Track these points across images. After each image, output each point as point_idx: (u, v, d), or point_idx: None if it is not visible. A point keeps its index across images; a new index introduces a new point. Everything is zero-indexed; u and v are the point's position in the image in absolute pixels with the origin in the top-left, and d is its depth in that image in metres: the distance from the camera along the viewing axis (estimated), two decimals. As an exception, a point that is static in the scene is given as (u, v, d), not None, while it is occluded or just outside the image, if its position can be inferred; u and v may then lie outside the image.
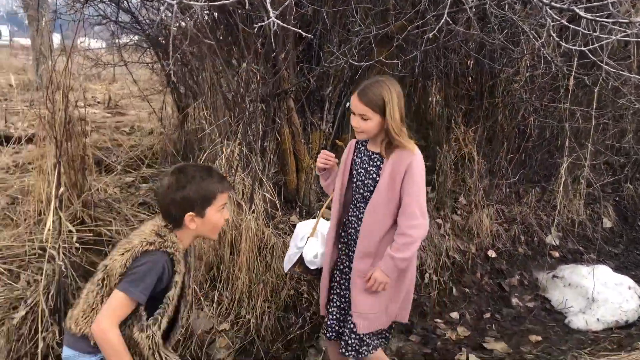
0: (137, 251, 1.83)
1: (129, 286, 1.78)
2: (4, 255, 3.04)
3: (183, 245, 1.95)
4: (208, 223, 1.97)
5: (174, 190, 1.90)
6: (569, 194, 5.37)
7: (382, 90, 2.27)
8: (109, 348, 1.78)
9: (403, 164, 2.29)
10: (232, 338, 3.18)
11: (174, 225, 1.95)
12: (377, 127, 2.31)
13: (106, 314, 1.77)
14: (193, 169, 1.98)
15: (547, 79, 4.41)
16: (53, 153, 3.18)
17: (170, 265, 1.87)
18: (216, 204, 1.95)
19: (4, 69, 14.60)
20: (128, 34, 5.74)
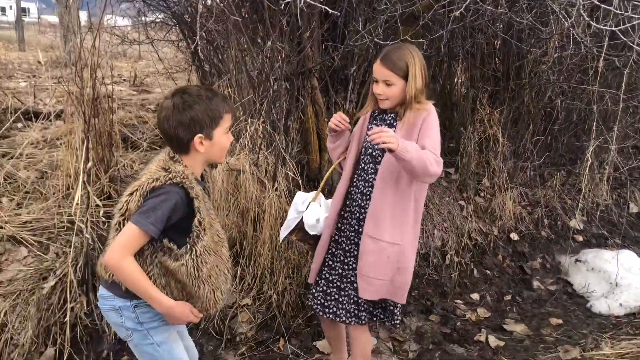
0: (145, 189, 1.77)
1: (140, 218, 1.73)
2: (34, 227, 3.12)
3: (194, 172, 1.86)
4: (216, 145, 1.88)
5: (181, 111, 1.79)
6: (595, 177, 5.30)
7: (404, 54, 2.27)
8: (124, 276, 1.78)
9: (419, 119, 2.29)
10: (254, 313, 3.24)
11: (182, 151, 1.85)
12: (401, 93, 2.30)
13: (117, 246, 1.75)
14: (196, 89, 1.87)
15: (575, 60, 4.32)
16: (81, 129, 3.24)
17: (184, 194, 1.79)
18: (223, 124, 1.87)
19: (33, 46, 14.82)
20: (154, 12, 5.77)
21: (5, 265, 2.86)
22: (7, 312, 2.64)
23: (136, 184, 1.80)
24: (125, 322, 1.90)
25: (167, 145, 1.89)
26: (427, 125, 2.28)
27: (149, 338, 1.93)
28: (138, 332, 1.92)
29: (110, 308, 1.90)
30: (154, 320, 1.92)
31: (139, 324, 1.90)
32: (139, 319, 1.90)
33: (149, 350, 1.96)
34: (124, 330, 1.93)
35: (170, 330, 2.01)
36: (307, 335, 3.29)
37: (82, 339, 2.77)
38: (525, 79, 4.77)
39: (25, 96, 6.25)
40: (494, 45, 4.86)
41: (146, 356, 1.98)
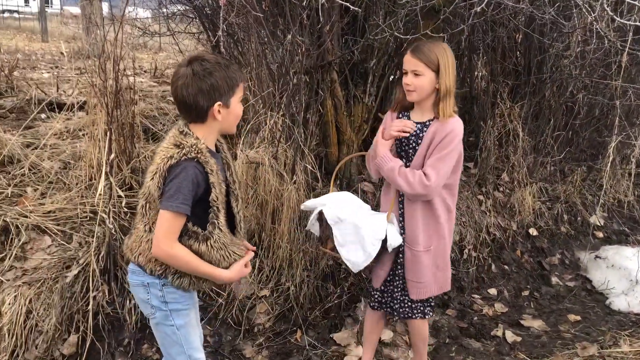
0: (163, 170, 1.77)
1: (169, 202, 1.75)
2: (57, 217, 3.19)
3: (208, 143, 1.86)
4: (232, 114, 1.87)
5: (201, 78, 1.76)
6: (616, 173, 5.24)
7: (435, 47, 2.30)
8: (178, 263, 1.83)
9: (443, 131, 2.31)
10: (272, 304, 3.27)
11: (198, 119, 1.84)
12: (430, 85, 2.31)
13: (159, 237, 1.78)
14: (213, 56, 1.84)
15: (598, 55, 4.27)
16: (104, 120, 3.29)
17: (201, 168, 1.80)
18: (238, 93, 1.87)
19: (55, 37, 14.99)
20: (175, 4, 5.82)
21: (30, 254, 2.93)
22: (32, 300, 2.71)
23: (153, 168, 1.81)
24: (152, 300, 1.94)
25: (183, 114, 1.87)
26: (444, 144, 2.31)
27: (170, 319, 1.98)
28: (161, 312, 1.96)
29: (139, 283, 1.95)
30: (178, 301, 1.97)
31: (163, 302, 1.95)
32: (165, 298, 1.94)
33: (168, 332, 2.00)
34: (149, 308, 1.97)
35: (192, 315, 2.05)
36: (324, 327, 3.32)
37: (103, 327, 2.82)
38: (547, 73, 4.72)
39: (48, 87, 6.34)
40: (515, 39, 4.81)
41: (164, 337, 2.03)
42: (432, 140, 2.34)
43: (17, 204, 3.21)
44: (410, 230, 2.47)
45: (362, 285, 3.54)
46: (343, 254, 2.44)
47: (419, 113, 2.45)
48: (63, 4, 27.48)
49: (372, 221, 2.45)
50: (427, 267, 2.48)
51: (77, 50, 9.34)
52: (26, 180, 3.51)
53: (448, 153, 2.31)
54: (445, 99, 2.31)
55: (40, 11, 16.71)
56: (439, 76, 2.28)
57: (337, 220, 2.45)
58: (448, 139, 2.30)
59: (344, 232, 2.44)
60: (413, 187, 2.32)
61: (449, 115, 2.32)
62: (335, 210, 2.47)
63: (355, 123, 4.17)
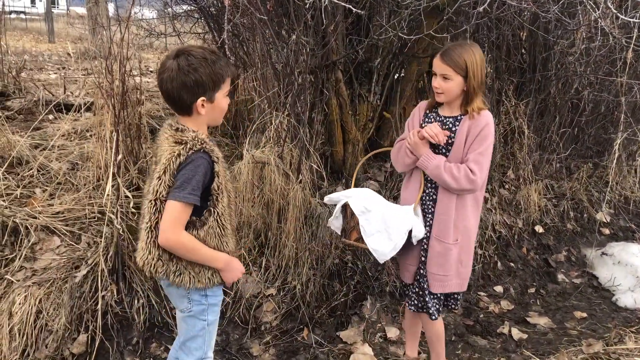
0: (173, 168, 1.79)
1: (177, 193, 1.77)
2: (66, 217, 3.22)
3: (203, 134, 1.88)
4: (217, 108, 1.89)
5: (186, 74, 1.77)
6: (622, 170, 5.23)
7: (464, 52, 2.32)
8: (183, 249, 1.85)
9: (478, 125, 2.35)
10: (279, 303, 3.30)
11: (183, 112, 1.87)
12: (458, 88, 2.36)
13: (166, 225, 1.80)
14: (201, 51, 1.83)
15: (603, 52, 4.26)
16: (111, 121, 3.32)
17: (208, 157, 1.83)
18: (224, 88, 1.88)
19: (62, 37, 15.07)
20: (180, 4, 5.85)
21: (39, 254, 2.97)
22: (42, 300, 2.74)
23: (161, 168, 1.81)
24: (191, 294, 1.97)
25: (169, 105, 1.90)
26: (481, 137, 2.35)
27: (205, 314, 2.01)
28: (200, 305, 1.99)
29: None
30: (216, 295, 2.02)
31: (204, 296, 1.99)
32: (206, 292, 1.98)
33: (198, 326, 2.03)
34: (186, 302, 1.99)
35: (218, 316, 2.10)
36: (331, 325, 3.34)
37: (112, 326, 2.86)
38: (552, 70, 4.71)
39: (55, 88, 6.39)
40: (519, 37, 4.81)
41: (190, 330, 2.04)
42: (468, 134, 2.37)
43: (26, 205, 3.25)
44: (442, 222, 2.47)
45: (368, 284, 3.56)
46: (370, 243, 2.45)
47: (447, 109, 2.49)
48: (69, 5, 27.60)
49: (399, 212, 2.49)
50: (453, 261, 2.50)
51: (83, 51, 9.40)
52: (35, 182, 3.55)
53: (487, 147, 2.36)
54: (473, 100, 2.36)
55: (46, 12, 16.79)
56: (467, 80, 2.33)
57: (365, 211, 2.46)
58: (484, 133, 2.35)
59: (371, 222, 2.46)
60: (459, 182, 2.35)
61: (480, 110, 2.38)
62: (362, 201, 2.49)
63: (361, 122, 4.19)
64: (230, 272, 1.98)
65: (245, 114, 4.42)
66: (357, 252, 3.63)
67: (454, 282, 2.55)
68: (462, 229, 2.48)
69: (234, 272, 1.99)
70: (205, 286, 1.95)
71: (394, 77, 4.33)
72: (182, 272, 1.91)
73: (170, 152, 1.80)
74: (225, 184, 1.92)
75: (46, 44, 13.81)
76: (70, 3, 27.91)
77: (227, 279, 1.98)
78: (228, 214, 1.95)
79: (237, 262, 2.01)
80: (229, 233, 1.96)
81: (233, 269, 1.98)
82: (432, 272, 2.53)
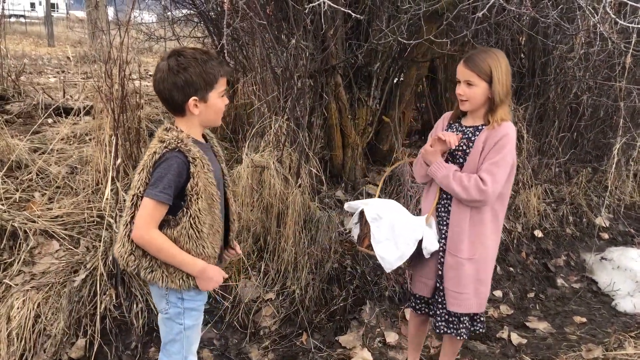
0: (149, 165, 1.82)
1: (150, 190, 1.79)
2: (65, 221, 3.22)
3: (193, 134, 1.90)
4: (211, 108, 1.89)
5: (175, 73, 1.79)
6: (621, 174, 5.24)
7: (489, 57, 2.27)
8: (154, 247, 1.84)
9: (496, 135, 2.28)
10: (278, 307, 3.29)
11: (177, 112, 1.89)
12: (482, 95, 2.30)
13: (139, 222, 1.81)
14: (192, 51, 1.86)
15: (602, 57, 4.27)
16: (110, 125, 3.32)
17: (184, 157, 1.82)
18: (217, 88, 1.88)
19: (62, 41, 15.09)
20: (180, 8, 5.86)
21: (38, 258, 2.97)
22: (41, 304, 2.74)
23: (141, 165, 1.85)
24: (169, 295, 1.96)
25: (164, 106, 1.92)
26: (498, 147, 2.27)
27: (181, 317, 1.99)
28: (176, 308, 1.98)
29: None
30: (194, 300, 1.99)
31: (180, 299, 1.96)
32: (182, 296, 1.96)
33: (175, 330, 2.01)
34: (164, 303, 1.98)
35: (199, 321, 2.07)
36: (330, 329, 3.33)
37: (111, 331, 2.85)
38: (551, 75, 4.72)
39: (55, 91, 6.39)
40: (519, 41, 4.82)
41: (168, 333, 2.03)
42: (485, 143, 2.31)
43: (25, 209, 3.24)
44: (455, 235, 2.41)
45: (368, 288, 3.55)
46: (377, 251, 2.41)
47: (470, 119, 2.43)
48: (69, 8, 27.64)
49: (410, 221, 2.45)
50: (469, 278, 2.41)
51: (83, 54, 9.41)
52: (34, 185, 3.55)
53: (503, 157, 2.27)
54: (498, 108, 2.29)
55: (46, 16, 16.82)
56: (492, 86, 2.26)
57: (376, 217, 2.44)
58: (502, 143, 2.27)
59: (381, 230, 2.43)
60: (469, 191, 2.29)
61: (501, 120, 2.30)
62: (375, 208, 2.47)
63: (360, 126, 4.20)
64: (204, 280, 1.94)
65: (245, 118, 4.42)
66: (357, 257, 3.63)
67: (472, 301, 2.45)
68: (479, 245, 2.40)
69: (209, 281, 1.95)
70: (179, 288, 1.92)
71: (393, 82, 4.33)
72: (155, 269, 1.89)
73: (151, 150, 1.84)
74: (205, 186, 1.88)
75: (46, 48, 13.83)
76: (70, 7, 27.96)
77: (201, 286, 1.95)
78: (209, 217, 1.91)
79: (214, 270, 1.95)
80: (204, 237, 1.91)
81: (207, 277, 1.93)
82: (448, 287, 2.45)
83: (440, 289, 2.53)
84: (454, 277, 2.43)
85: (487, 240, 2.41)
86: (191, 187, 1.84)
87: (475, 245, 2.40)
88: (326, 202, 3.83)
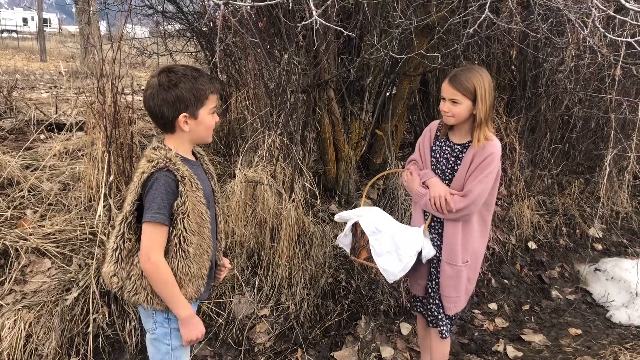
0: (138, 186, 1.80)
1: (147, 214, 1.77)
2: (57, 239, 3.20)
3: (182, 152, 1.88)
4: (201, 125, 1.88)
5: (166, 89, 1.79)
6: (614, 185, 5.26)
7: (473, 77, 2.34)
8: (158, 274, 1.81)
9: (482, 155, 2.37)
10: (272, 323, 3.27)
11: (167, 129, 1.87)
12: (467, 112, 2.37)
13: (144, 250, 1.78)
14: (182, 68, 1.85)
15: (592, 69, 4.31)
16: (102, 141, 3.31)
17: (173, 176, 1.80)
18: (208, 105, 1.87)
19: (54, 56, 15.08)
20: (172, 23, 5.87)
21: (30, 277, 2.94)
22: (32, 324, 2.71)
23: (131, 186, 1.83)
24: (156, 315, 1.93)
25: (154, 123, 1.90)
26: (482, 166, 2.37)
27: (168, 338, 1.96)
28: (163, 328, 1.95)
29: None
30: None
31: (167, 319, 1.94)
32: (169, 316, 1.93)
33: (162, 350, 1.98)
34: (151, 322, 1.95)
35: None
36: (325, 345, 3.31)
37: (104, 349, 2.82)
38: (542, 87, 4.76)
39: (47, 107, 6.38)
40: (509, 55, 4.86)
41: (155, 353, 2.01)
42: (471, 162, 2.40)
43: (17, 227, 3.22)
44: (450, 246, 2.50)
45: (363, 303, 3.54)
46: (380, 264, 2.47)
47: (457, 135, 2.51)
48: (61, 23, 27.67)
49: (409, 233, 2.52)
50: (464, 281, 2.54)
51: (75, 69, 9.41)
52: (26, 203, 3.53)
53: (486, 175, 2.37)
54: (481, 126, 2.36)
55: (38, 31, 16.82)
56: (476, 104, 2.34)
57: (375, 231, 2.49)
58: (487, 162, 2.36)
59: (381, 243, 2.48)
60: (451, 212, 2.41)
61: (485, 140, 2.38)
62: (372, 221, 2.52)
63: (353, 140, 4.20)
64: (188, 327, 1.91)
65: (238, 133, 4.42)
66: (351, 271, 3.62)
67: (462, 300, 2.60)
68: (471, 250, 2.52)
69: (193, 329, 1.92)
70: (165, 309, 1.90)
71: (385, 95, 4.35)
72: (139, 291, 1.87)
73: (139, 170, 1.82)
74: (194, 205, 1.86)
75: (38, 63, 13.82)
76: (63, 22, 27.99)
77: (184, 333, 1.92)
78: (196, 237, 1.89)
79: (200, 322, 1.94)
80: (191, 257, 1.88)
81: (193, 325, 1.91)
82: (446, 295, 2.56)
83: (433, 287, 2.63)
84: (454, 284, 2.53)
85: (476, 243, 2.53)
86: (177, 206, 1.82)
87: (468, 251, 2.51)
88: (320, 216, 3.82)
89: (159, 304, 1.88)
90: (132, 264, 1.86)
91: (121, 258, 1.85)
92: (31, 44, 19.38)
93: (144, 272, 1.83)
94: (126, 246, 1.85)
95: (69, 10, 23.51)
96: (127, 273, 1.86)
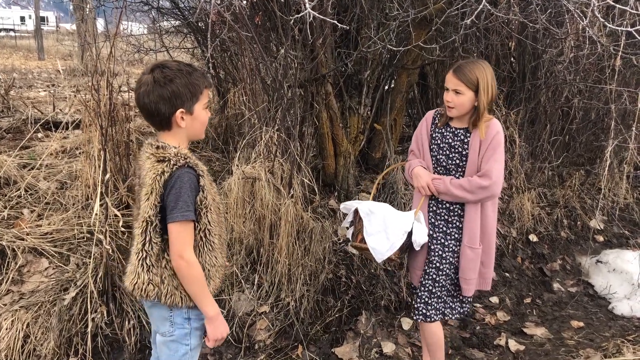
0: (158, 187, 1.76)
1: (172, 215, 1.75)
2: (54, 238, 3.17)
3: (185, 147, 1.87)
4: (197, 120, 1.86)
5: (162, 85, 1.75)
6: (614, 177, 5.23)
7: (476, 68, 2.44)
8: (192, 277, 1.80)
9: (489, 135, 2.46)
10: (272, 320, 3.25)
11: (163, 127, 1.84)
12: (469, 103, 2.46)
13: (180, 246, 1.77)
14: (176, 63, 1.83)
15: (592, 60, 4.27)
16: (99, 139, 3.28)
17: (193, 172, 1.80)
18: (202, 100, 1.85)
19: (52, 54, 15.03)
20: (169, 20, 5.84)
21: (27, 277, 2.92)
22: (30, 324, 2.69)
23: (147, 189, 1.78)
24: (174, 317, 1.91)
25: (149, 122, 1.86)
26: (493, 145, 2.46)
27: (187, 338, 1.94)
28: (182, 330, 1.93)
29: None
30: (200, 319, 1.94)
31: (186, 319, 1.92)
32: (189, 315, 1.92)
33: (181, 351, 1.96)
34: (168, 325, 1.93)
35: (201, 340, 2.02)
36: (325, 341, 3.29)
37: (103, 349, 2.80)
38: (542, 79, 4.72)
39: (44, 105, 6.35)
40: (508, 46, 4.82)
41: (172, 357, 1.97)
42: (480, 146, 2.48)
43: (14, 227, 3.20)
44: (471, 230, 2.56)
45: (363, 298, 3.52)
46: (369, 242, 2.55)
47: (458, 121, 2.58)
48: (59, 21, 27.60)
49: (400, 215, 2.60)
50: (479, 262, 2.61)
51: (73, 67, 9.38)
52: (22, 202, 3.50)
53: (500, 153, 2.46)
54: (482, 117, 2.46)
55: (36, 29, 16.76)
56: (478, 95, 2.43)
57: (369, 212, 2.59)
58: (496, 141, 2.45)
59: (372, 223, 2.58)
60: (475, 194, 2.48)
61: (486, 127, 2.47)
62: (368, 204, 2.63)
63: (352, 134, 4.17)
64: (215, 324, 1.90)
65: (236, 129, 4.39)
66: (351, 266, 3.60)
67: (477, 281, 2.66)
68: (485, 232, 2.59)
69: (220, 327, 1.91)
70: (188, 308, 1.90)
71: (384, 89, 4.32)
72: (174, 292, 1.86)
73: (154, 172, 1.76)
74: (212, 197, 1.88)
75: (36, 61, 13.79)
76: (60, 20, 27.92)
77: (211, 332, 1.90)
78: (217, 228, 1.91)
79: (224, 321, 1.93)
80: (217, 248, 1.91)
81: (219, 322, 1.90)
82: (466, 277, 2.61)
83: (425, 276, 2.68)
84: (472, 267, 2.60)
85: (491, 226, 2.61)
86: (200, 200, 1.82)
87: (485, 234, 2.60)
88: (319, 212, 3.80)
89: (191, 300, 1.87)
90: (162, 267, 1.84)
91: (151, 264, 1.82)
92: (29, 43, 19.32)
93: (176, 271, 1.82)
94: (154, 251, 1.82)
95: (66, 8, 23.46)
96: (160, 277, 1.84)
